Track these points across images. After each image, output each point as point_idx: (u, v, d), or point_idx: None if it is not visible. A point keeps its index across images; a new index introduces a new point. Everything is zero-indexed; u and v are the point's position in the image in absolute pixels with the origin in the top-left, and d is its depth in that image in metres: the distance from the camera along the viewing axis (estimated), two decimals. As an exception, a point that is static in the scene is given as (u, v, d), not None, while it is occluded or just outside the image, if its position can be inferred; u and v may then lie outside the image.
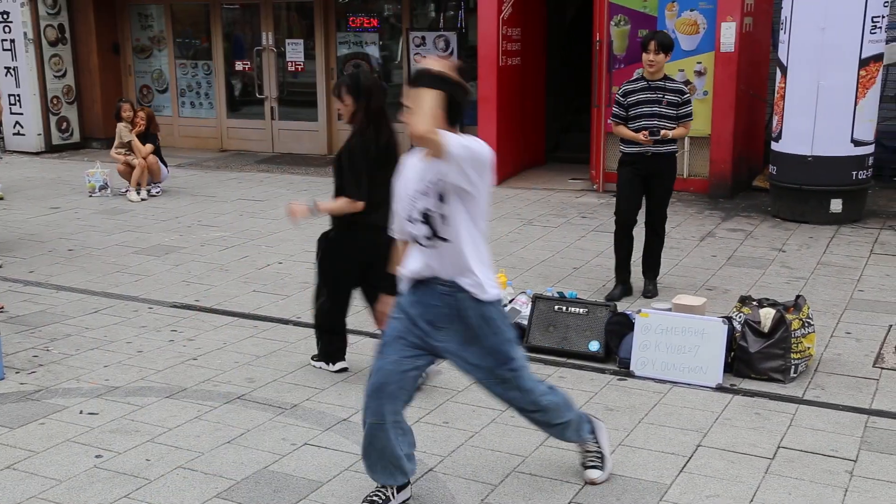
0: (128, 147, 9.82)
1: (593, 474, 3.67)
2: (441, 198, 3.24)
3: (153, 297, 6.28)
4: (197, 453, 3.97)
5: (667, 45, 5.86)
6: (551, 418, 3.57)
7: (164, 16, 13.34)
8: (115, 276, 6.82)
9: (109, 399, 4.55)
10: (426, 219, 3.28)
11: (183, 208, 9.25)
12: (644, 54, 5.87)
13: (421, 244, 3.33)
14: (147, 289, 6.47)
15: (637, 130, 5.88)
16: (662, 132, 5.82)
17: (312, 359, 4.97)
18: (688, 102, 5.95)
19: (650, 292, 6.09)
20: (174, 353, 5.19)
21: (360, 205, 4.45)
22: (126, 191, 9.73)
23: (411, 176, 3.36)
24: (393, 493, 3.45)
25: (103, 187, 9.92)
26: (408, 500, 3.52)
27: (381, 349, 3.43)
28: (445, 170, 3.18)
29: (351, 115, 4.55)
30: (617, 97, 6.06)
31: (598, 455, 3.70)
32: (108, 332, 5.56)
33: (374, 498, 3.43)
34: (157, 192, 9.91)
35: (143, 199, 9.62)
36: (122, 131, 9.83)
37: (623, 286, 6.13)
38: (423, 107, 3.11)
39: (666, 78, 5.95)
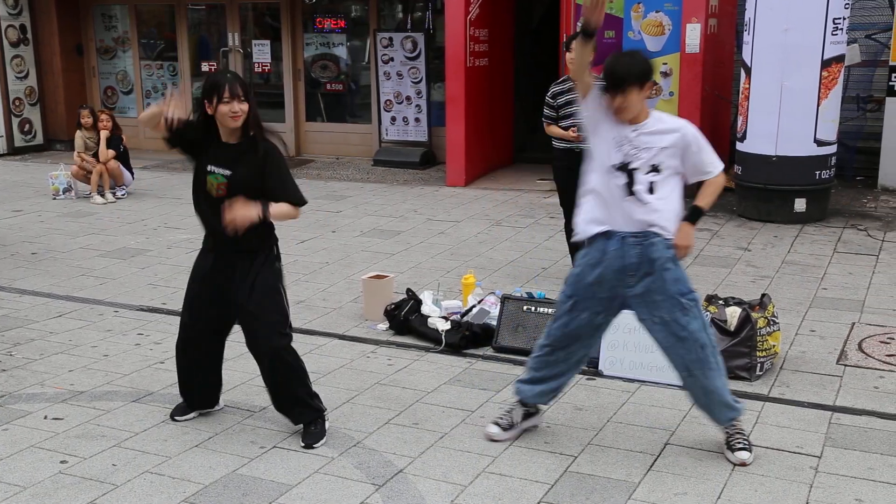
0: (91, 153, 9.72)
1: (743, 455, 3.81)
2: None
3: (119, 300, 6.21)
4: (164, 458, 3.93)
5: None
6: (719, 362, 3.82)
7: (128, 16, 13.22)
8: (79, 279, 6.74)
9: (74, 404, 4.49)
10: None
11: (149, 210, 9.16)
12: (567, 54, 6.11)
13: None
14: (113, 292, 6.40)
15: (567, 129, 6.12)
16: None
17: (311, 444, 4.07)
18: None
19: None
20: (140, 357, 5.13)
21: (300, 212, 4.00)
22: (89, 194, 9.63)
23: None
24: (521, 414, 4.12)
25: (67, 190, 9.80)
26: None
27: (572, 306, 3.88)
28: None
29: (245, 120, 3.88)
30: (547, 99, 6.37)
31: (745, 437, 3.88)
32: (72, 336, 5.49)
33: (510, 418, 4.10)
34: (123, 195, 9.81)
35: (108, 202, 9.52)
36: (78, 141, 9.74)
37: None
38: None
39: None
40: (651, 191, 3.71)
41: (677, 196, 3.79)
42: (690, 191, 3.86)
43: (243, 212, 3.77)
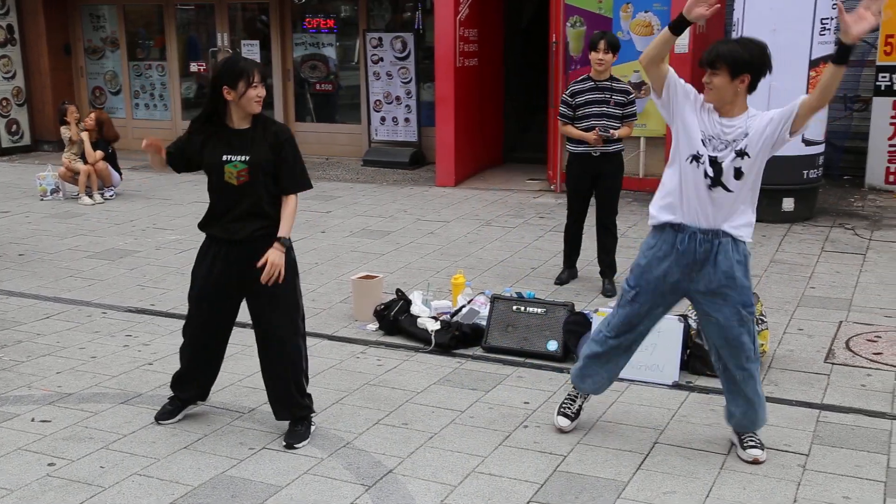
0: (75, 150, 9.66)
1: (755, 452, 3.85)
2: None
3: (107, 301, 6.19)
4: (153, 459, 3.92)
5: (615, 46, 6.00)
6: (757, 374, 3.84)
7: (116, 16, 13.17)
8: (67, 280, 6.71)
9: (62, 406, 4.47)
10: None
11: (137, 211, 9.13)
12: (593, 53, 5.97)
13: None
14: (101, 293, 6.38)
15: (586, 130, 6.01)
16: (612, 132, 5.95)
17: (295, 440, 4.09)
18: (633, 103, 6.11)
19: (609, 291, 6.15)
20: (129, 359, 5.12)
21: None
22: (77, 195, 9.59)
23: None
24: (583, 397, 4.18)
25: (55, 191, 9.76)
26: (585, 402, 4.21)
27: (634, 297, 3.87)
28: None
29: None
30: (564, 97, 6.18)
31: (756, 435, 3.92)
32: (60, 337, 5.47)
33: (567, 401, 4.17)
34: (111, 196, 9.77)
35: (96, 203, 9.48)
36: (65, 135, 9.69)
37: (570, 270, 6.51)
38: None
39: (612, 78, 6.08)
40: (738, 176, 3.64)
41: (756, 192, 3.72)
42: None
43: (276, 260, 3.86)
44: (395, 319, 5.43)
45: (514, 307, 5.22)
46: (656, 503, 3.54)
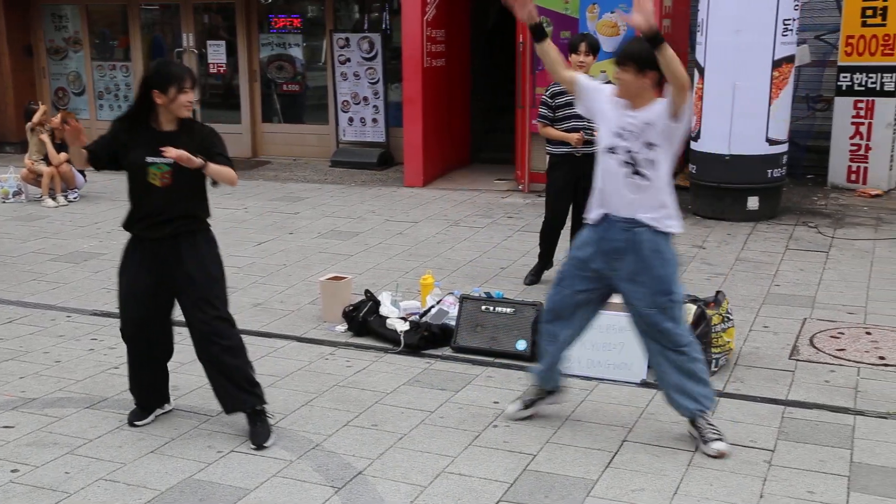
0: (37, 148, 9.52)
1: (719, 445, 3.87)
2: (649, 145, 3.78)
3: (72, 305, 6.11)
4: (119, 464, 3.87)
5: (596, 48, 6.01)
6: (690, 364, 3.88)
7: (79, 16, 13.01)
8: (30, 284, 6.62)
9: (25, 411, 4.41)
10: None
11: (102, 213, 9.02)
12: (574, 55, 5.93)
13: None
14: (65, 297, 6.29)
15: (567, 131, 5.99)
16: (596, 133, 5.95)
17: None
18: None
19: (577, 290, 6.19)
20: (94, 362, 5.06)
21: (237, 181, 4.05)
22: (40, 197, 9.46)
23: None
24: (543, 393, 4.26)
25: (17, 193, 9.62)
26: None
27: (559, 282, 4.04)
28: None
29: None
30: (544, 98, 6.13)
31: (715, 428, 3.92)
32: (23, 342, 5.39)
33: (527, 397, 4.28)
34: (75, 198, 9.65)
35: (59, 205, 9.36)
36: (32, 137, 9.55)
37: (540, 269, 6.55)
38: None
39: None
40: (651, 166, 3.77)
41: (669, 180, 3.83)
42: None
43: (189, 157, 3.76)
44: (364, 320, 5.42)
45: (483, 307, 5.23)
46: (625, 501, 3.56)
